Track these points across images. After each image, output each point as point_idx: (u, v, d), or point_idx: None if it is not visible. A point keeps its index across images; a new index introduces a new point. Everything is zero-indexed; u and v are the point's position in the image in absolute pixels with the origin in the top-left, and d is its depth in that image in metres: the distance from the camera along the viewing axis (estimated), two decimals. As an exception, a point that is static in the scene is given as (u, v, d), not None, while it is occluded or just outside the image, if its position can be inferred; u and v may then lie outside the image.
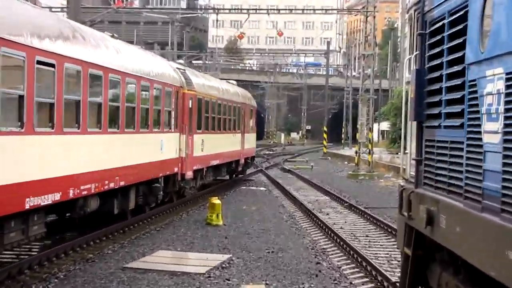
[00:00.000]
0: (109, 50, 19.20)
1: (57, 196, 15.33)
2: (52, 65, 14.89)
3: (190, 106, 27.40)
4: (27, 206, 13.90)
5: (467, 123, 7.21)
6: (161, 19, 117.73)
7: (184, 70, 28.46)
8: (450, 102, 7.96)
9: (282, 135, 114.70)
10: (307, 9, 60.90)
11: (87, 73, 16.85)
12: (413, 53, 9.89)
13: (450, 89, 7.95)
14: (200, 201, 29.39)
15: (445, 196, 7.88)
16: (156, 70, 23.37)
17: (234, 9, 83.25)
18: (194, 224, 23.28)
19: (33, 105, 13.87)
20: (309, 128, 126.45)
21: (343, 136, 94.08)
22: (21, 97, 13.49)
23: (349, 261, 17.95)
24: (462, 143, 7.35)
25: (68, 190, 16.04)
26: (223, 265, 16.45)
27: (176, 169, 25.69)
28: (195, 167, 28.26)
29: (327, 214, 27.43)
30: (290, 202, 31.71)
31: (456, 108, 7.64)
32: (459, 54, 7.54)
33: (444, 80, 8.13)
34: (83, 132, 16.82)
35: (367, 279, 15.98)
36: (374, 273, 16.04)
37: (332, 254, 18.82)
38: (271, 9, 59.39)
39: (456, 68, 7.69)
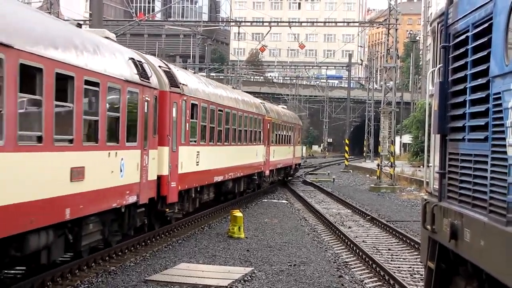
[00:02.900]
0: (236, 97, 33.15)
1: (221, 178, 28.78)
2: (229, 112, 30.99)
3: (268, 127, 40.39)
4: (214, 181, 27.67)
5: (492, 136, 7.17)
6: (183, 31, 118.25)
7: (264, 103, 42.20)
8: (474, 115, 7.92)
9: (304, 148, 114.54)
10: (328, 22, 60.84)
11: (230, 112, 30.65)
12: (436, 66, 9.85)
13: (474, 102, 7.91)
14: (222, 213, 29.40)
15: (469, 209, 7.83)
16: (254, 105, 37.37)
17: (256, 21, 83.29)
18: (216, 236, 23.26)
19: (216, 131, 27.86)
20: (331, 140, 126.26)
21: (364, 149, 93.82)
22: (213, 128, 27.44)
23: (371, 274, 17.87)
24: (486, 156, 7.31)
25: (225, 175, 29.41)
26: (245, 278, 16.41)
27: (262, 169, 38.50)
28: (270, 168, 41.02)
29: (349, 227, 27.35)
30: (311, 215, 31.64)
31: (480, 121, 7.60)
32: (483, 67, 7.51)
33: (468, 93, 8.09)
34: (229, 144, 30.66)
35: (389, 293, 15.91)
36: (397, 286, 15.95)
37: (354, 268, 18.75)
38: (292, 22, 59.41)
39: (480, 81, 7.65)
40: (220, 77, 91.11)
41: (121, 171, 17.25)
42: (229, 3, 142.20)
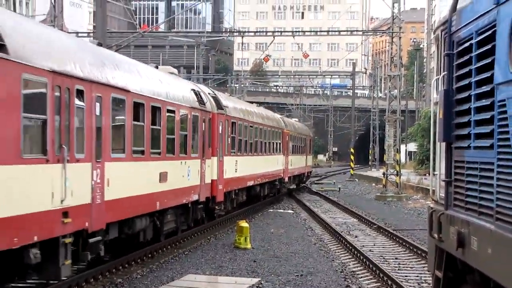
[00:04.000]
0: (261, 113, 39.39)
1: (252, 183, 34.41)
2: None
3: (287, 139, 46.06)
4: (247, 185, 33.62)
5: (497, 144, 7.14)
6: (187, 42, 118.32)
7: (283, 118, 48.92)
8: (479, 123, 7.89)
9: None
10: (332, 31, 60.86)
11: (258, 127, 36.42)
12: (440, 74, 9.83)
13: (479, 110, 7.89)
14: (228, 224, 29.37)
15: (476, 217, 7.81)
16: (275, 120, 43.41)
17: (259, 31, 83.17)
18: (222, 247, 23.23)
19: (248, 143, 33.63)
20: (336, 149, 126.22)
21: (370, 157, 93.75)
22: (246, 141, 33.25)
23: (379, 284, 17.81)
24: (492, 164, 7.29)
25: (254, 180, 35.13)
26: (252, 289, 16.38)
27: (282, 175, 43.88)
28: (288, 175, 46.42)
29: (356, 236, 27.29)
30: (318, 225, 31.59)
31: (486, 129, 7.58)
32: (488, 74, 7.48)
33: (472, 100, 8.07)
34: (258, 154, 36.12)
35: (397, 302, 15.85)
36: (404, 295, 15.89)
37: (361, 277, 18.69)
38: (296, 31, 59.57)
39: (484, 89, 7.63)
40: (224, 88, 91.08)
41: (188, 175, 23.17)
42: (232, 13, 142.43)
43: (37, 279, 14.29)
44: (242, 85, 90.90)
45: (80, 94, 14.60)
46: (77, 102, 14.44)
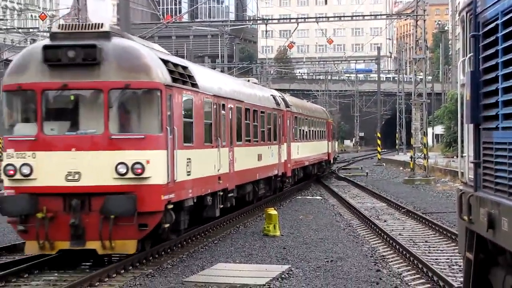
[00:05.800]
0: (311, 107, 50.17)
1: (307, 163, 42.73)
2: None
3: (330, 127, 54.53)
4: (304, 164, 42.01)
5: (526, 124, 7.08)
6: (211, 32, 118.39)
7: (325, 110, 61.54)
8: (507, 103, 7.83)
9: (336, 143, 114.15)
10: (356, 16, 60.62)
11: (310, 119, 44.97)
12: (466, 55, 9.76)
13: (506, 90, 7.82)
14: (256, 212, 29.40)
15: (506, 198, 7.76)
16: (321, 111, 54.06)
17: (283, 18, 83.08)
18: (251, 235, 23.24)
19: (305, 132, 42.67)
20: (363, 135, 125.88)
21: (397, 141, 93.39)
22: (303, 130, 42.28)
23: (409, 267, 17.77)
24: (521, 144, 7.23)
25: (308, 161, 43.38)
26: (283, 276, 16.37)
27: (326, 158, 51.84)
28: (331, 158, 55.65)
29: (385, 220, 27.24)
30: (346, 210, 31.55)
31: (514, 109, 7.51)
32: (515, 54, 7.42)
33: (500, 81, 8.00)
34: (311, 140, 44.66)
35: (428, 285, 15.81)
36: (435, 278, 15.84)
37: (391, 261, 18.66)
38: (320, 17, 59.36)
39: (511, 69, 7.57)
40: (249, 75, 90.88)
41: (272, 156, 31.83)
42: (255, 1, 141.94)
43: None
44: (267, 73, 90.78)
45: (223, 106, 23.32)
46: (222, 111, 23.19)
